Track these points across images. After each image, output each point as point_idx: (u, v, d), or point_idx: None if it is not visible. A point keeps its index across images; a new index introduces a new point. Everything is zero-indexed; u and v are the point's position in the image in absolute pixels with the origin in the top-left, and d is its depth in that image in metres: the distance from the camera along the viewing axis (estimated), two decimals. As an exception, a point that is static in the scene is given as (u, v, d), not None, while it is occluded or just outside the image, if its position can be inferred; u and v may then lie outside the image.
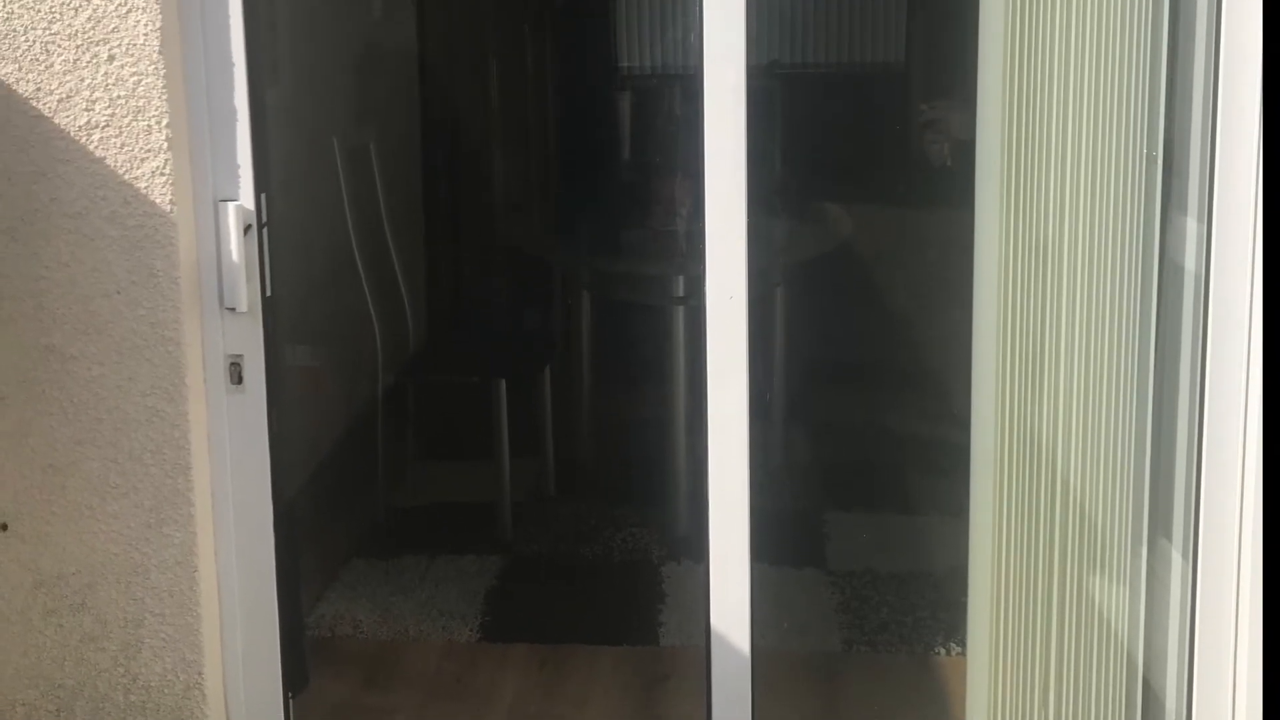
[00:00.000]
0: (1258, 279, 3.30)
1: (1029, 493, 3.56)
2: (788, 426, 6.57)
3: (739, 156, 3.34)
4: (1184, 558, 3.56)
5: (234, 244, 3.40)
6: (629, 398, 6.90)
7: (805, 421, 6.76)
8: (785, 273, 6.39)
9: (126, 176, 3.29)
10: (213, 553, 3.61)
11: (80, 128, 3.28)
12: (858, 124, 8.44)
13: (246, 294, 3.43)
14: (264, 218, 3.48)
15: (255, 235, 3.46)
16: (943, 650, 4.79)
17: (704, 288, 3.43)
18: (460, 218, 8.15)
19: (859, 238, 7.09)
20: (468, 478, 6.41)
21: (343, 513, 5.90)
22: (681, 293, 5.86)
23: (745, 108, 3.32)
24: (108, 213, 3.31)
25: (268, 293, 3.53)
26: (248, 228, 3.42)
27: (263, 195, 3.46)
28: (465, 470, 6.51)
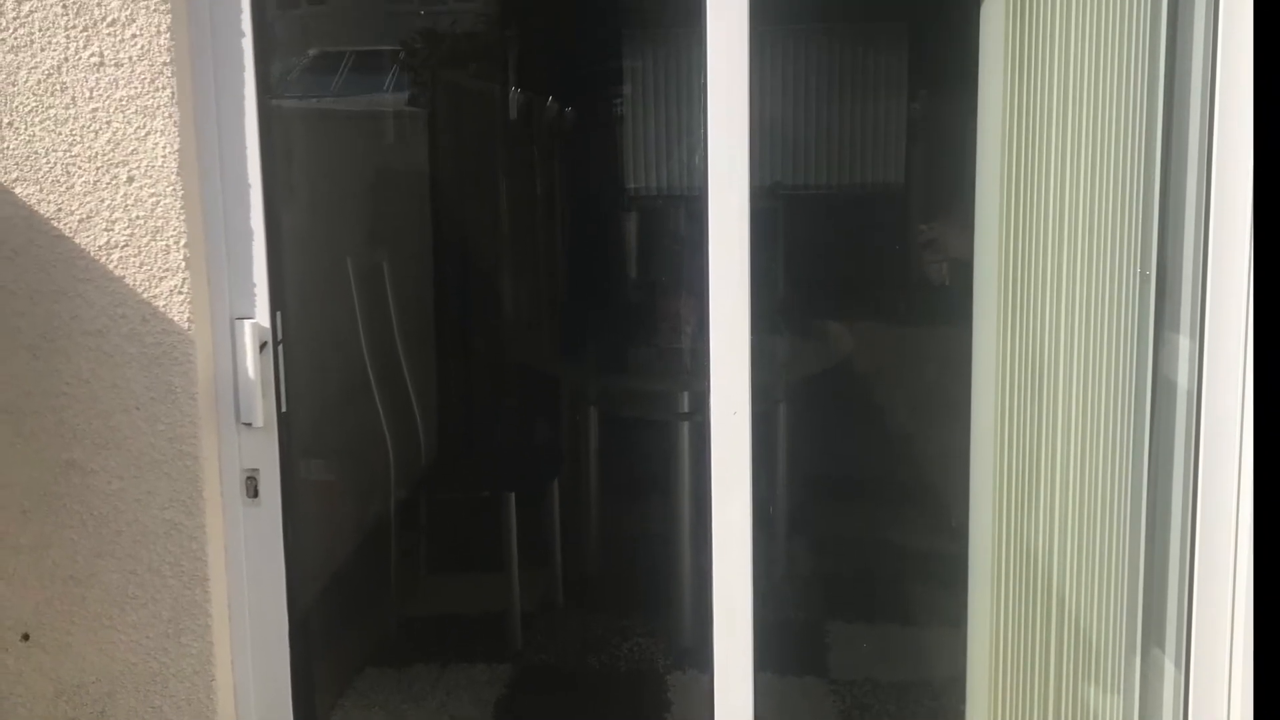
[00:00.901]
0: (1249, 396, 3.30)
1: (1025, 604, 3.55)
2: (790, 539, 6.56)
3: (743, 275, 3.35)
4: (1177, 667, 3.55)
5: (250, 361, 3.41)
6: (635, 510, 6.89)
7: (807, 534, 6.75)
8: (788, 389, 6.40)
9: (145, 295, 3.30)
10: (229, 662, 3.60)
11: (100, 247, 3.29)
12: (859, 244, 8.49)
13: (262, 409, 3.44)
14: (279, 335, 3.49)
15: (271, 352, 3.47)
16: (943, 758, 4.76)
17: (709, 403, 3.43)
18: (471, 335, 8.17)
19: (860, 355, 7.11)
20: (478, 588, 6.39)
21: (356, 623, 5.88)
22: (686, 408, 5.87)
23: (749, 228, 3.33)
24: (127, 330, 3.32)
25: (283, 408, 3.54)
26: (263, 345, 3.43)
27: (278, 313, 3.47)
28: (476, 581, 6.49)
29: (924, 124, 9.27)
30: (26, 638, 3.50)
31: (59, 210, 3.28)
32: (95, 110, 3.24)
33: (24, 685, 3.53)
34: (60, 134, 3.25)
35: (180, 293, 3.30)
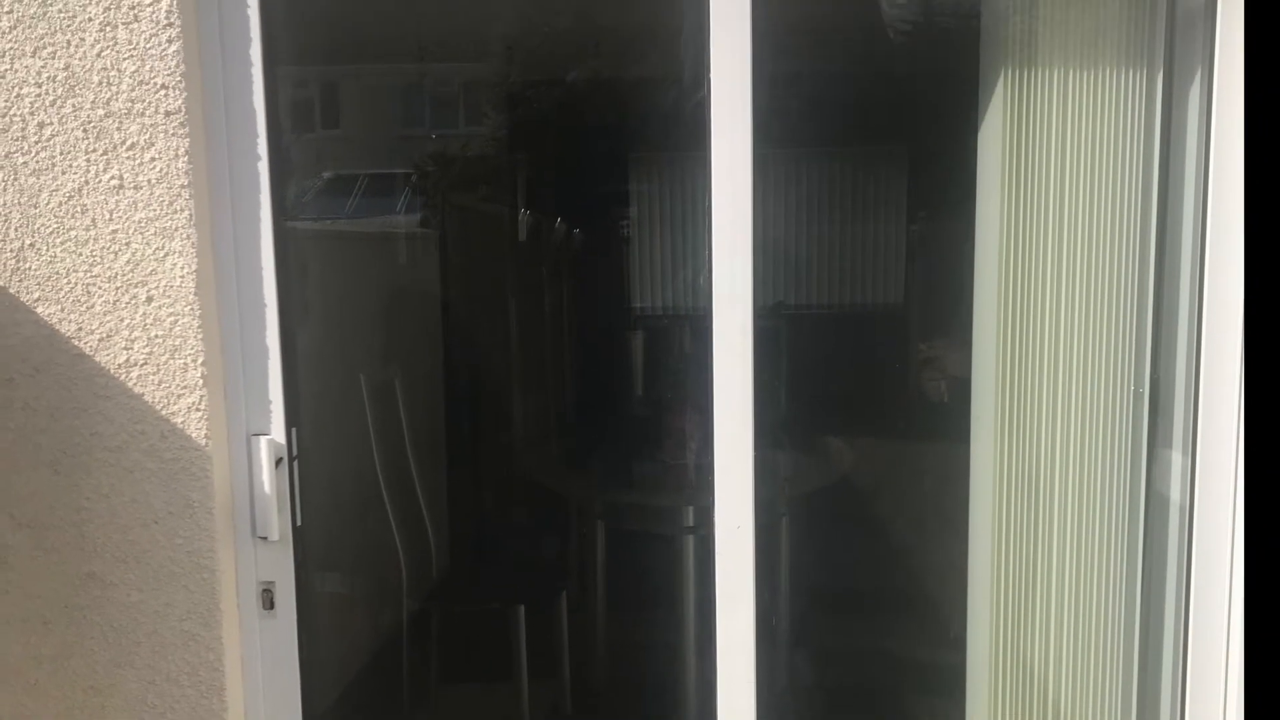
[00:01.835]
0: (1240, 511, 3.31)
1: (1022, 714, 3.53)
2: (793, 650, 6.52)
3: (746, 393, 3.36)
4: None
5: (266, 476, 3.42)
6: (641, 622, 6.86)
7: (810, 645, 6.71)
8: (790, 504, 6.39)
9: (164, 412, 3.31)
10: (242, 772, 3.58)
11: (120, 365, 3.30)
12: (859, 361, 8.49)
13: (278, 524, 3.44)
14: (294, 451, 3.50)
15: (286, 468, 3.47)
16: None
17: (713, 518, 3.43)
18: (480, 450, 8.17)
19: (860, 470, 7.10)
20: (489, 699, 6.35)
21: (368, 733, 5.86)
22: (691, 523, 5.86)
23: (752, 346, 3.34)
24: (146, 446, 3.33)
25: (298, 522, 3.54)
26: (279, 460, 3.44)
27: (293, 430, 3.48)
28: (486, 692, 6.46)
29: (923, 244, 9.30)
30: (46, 747, 3.49)
31: (80, 329, 3.30)
32: (115, 231, 3.26)
33: (42, 795, 3.51)
34: (81, 255, 3.27)
35: (198, 409, 3.31)
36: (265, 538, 3.47)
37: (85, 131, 3.23)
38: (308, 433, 3.66)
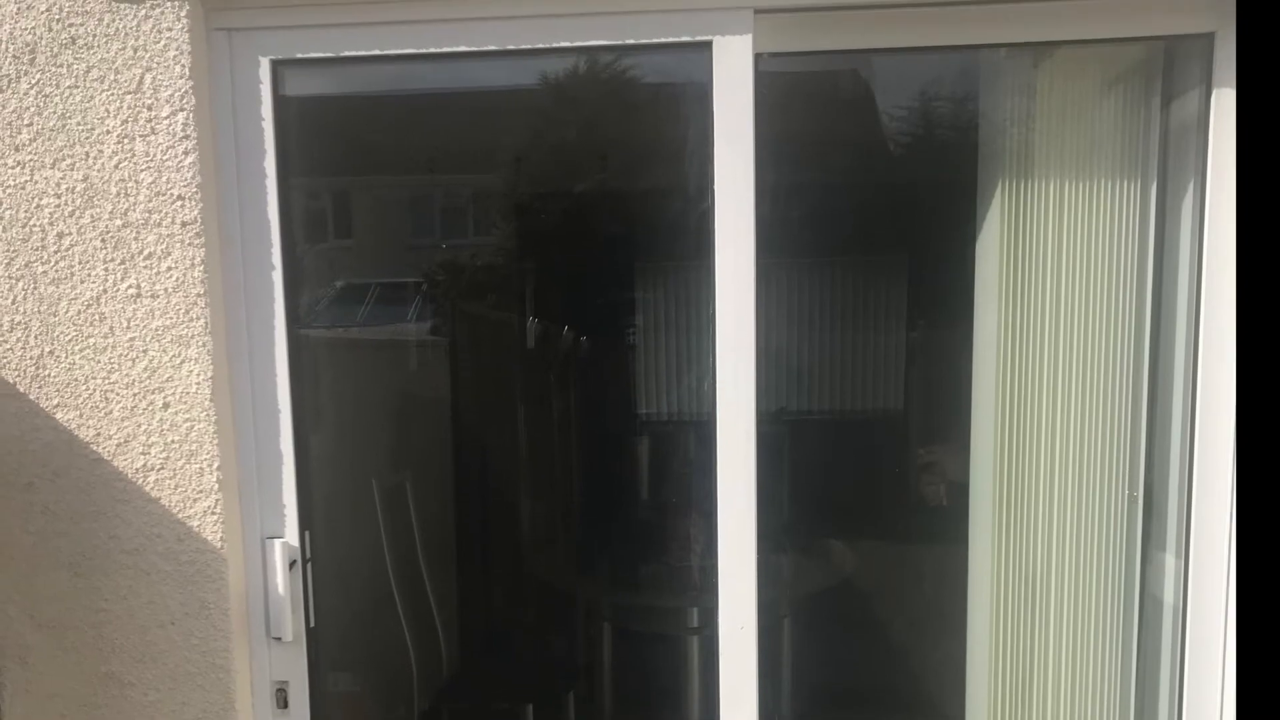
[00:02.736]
0: (1232, 613, 3.30)
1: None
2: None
3: (749, 497, 3.36)
4: None
5: (280, 578, 3.42)
6: (648, 721, 6.85)
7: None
8: (792, 605, 6.38)
9: (180, 515, 3.31)
10: None
11: (137, 470, 3.31)
12: (860, 466, 8.49)
13: (292, 625, 3.44)
14: (308, 553, 3.50)
15: (300, 570, 3.47)
16: None
17: (717, 619, 3.42)
18: (490, 552, 8.16)
19: (861, 572, 7.09)
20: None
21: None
22: (695, 623, 5.86)
23: (755, 451, 3.35)
24: (163, 549, 3.33)
25: (311, 623, 3.53)
26: (293, 563, 3.44)
27: (306, 533, 3.48)
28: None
29: (923, 351, 9.32)
30: (61, 845, 3.47)
31: (98, 434, 3.31)
32: (133, 339, 3.28)
33: None
34: (99, 362, 3.29)
35: (214, 513, 3.31)
36: (279, 638, 3.46)
37: (103, 241, 3.25)
38: (321, 535, 3.66)
